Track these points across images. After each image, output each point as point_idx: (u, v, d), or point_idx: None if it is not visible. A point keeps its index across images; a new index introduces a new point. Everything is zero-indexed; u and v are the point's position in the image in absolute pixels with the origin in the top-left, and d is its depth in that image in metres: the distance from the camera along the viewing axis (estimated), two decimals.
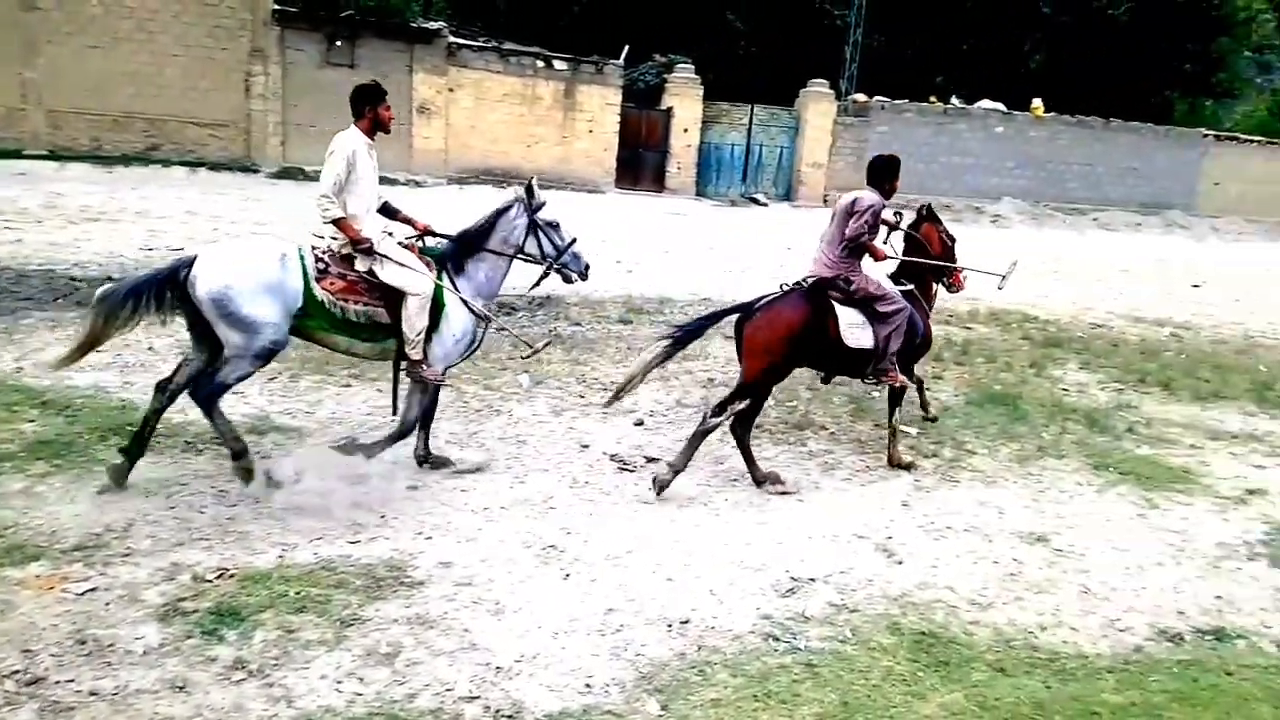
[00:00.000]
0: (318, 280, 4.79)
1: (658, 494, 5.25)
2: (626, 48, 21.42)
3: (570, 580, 4.29)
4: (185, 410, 5.81)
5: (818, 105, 22.63)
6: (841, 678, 3.67)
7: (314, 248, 4.96)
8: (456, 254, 5.26)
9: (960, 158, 23.90)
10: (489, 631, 3.81)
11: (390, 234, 5.11)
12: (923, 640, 4.01)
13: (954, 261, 6.49)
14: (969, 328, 10.37)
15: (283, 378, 6.68)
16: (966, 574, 4.66)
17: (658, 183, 22.13)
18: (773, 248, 15.98)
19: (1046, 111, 24.60)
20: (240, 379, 4.79)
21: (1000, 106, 24.50)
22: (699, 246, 15.46)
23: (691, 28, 23.87)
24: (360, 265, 4.90)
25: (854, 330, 5.55)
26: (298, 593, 3.91)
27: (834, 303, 5.57)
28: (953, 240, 6.60)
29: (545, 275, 5.52)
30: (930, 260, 6.38)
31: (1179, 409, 7.93)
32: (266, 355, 4.74)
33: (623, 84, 21.23)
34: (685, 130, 21.93)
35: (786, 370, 5.66)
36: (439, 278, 5.08)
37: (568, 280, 5.55)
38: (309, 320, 4.80)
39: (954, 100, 24.64)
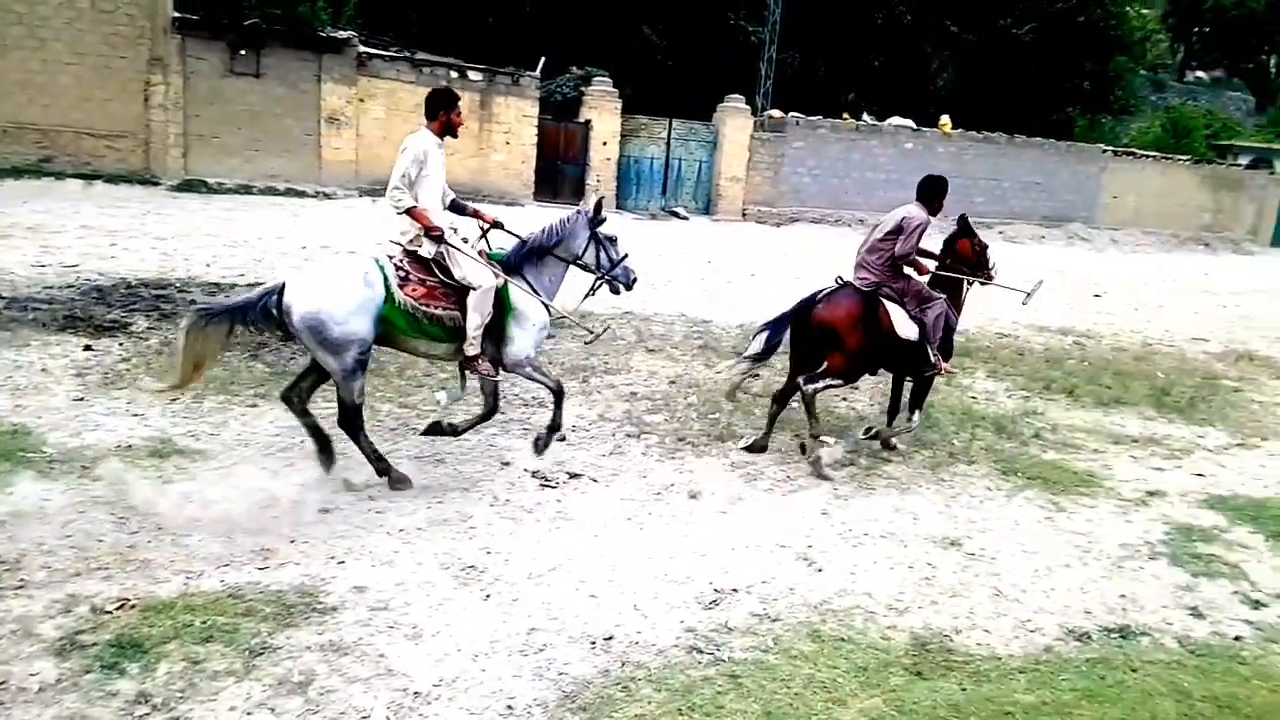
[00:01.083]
0: (400, 288, 5.04)
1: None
2: (543, 59, 21.35)
3: (491, 601, 4.21)
4: (81, 434, 5.57)
5: (735, 120, 22.97)
6: (764, 687, 3.69)
7: (390, 257, 5.17)
8: (523, 257, 5.55)
9: (873, 173, 24.55)
10: (406, 656, 3.70)
11: (455, 229, 5.36)
12: (842, 646, 4.06)
13: (987, 266, 6.94)
14: None
15: (185, 398, 6.40)
16: (884, 579, 4.75)
17: (577, 195, 22.01)
18: (693, 261, 16.10)
19: (954, 128, 25.46)
20: (360, 390, 5.08)
21: (910, 123, 25.27)
22: None
23: (608, 41, 23.93)
24: (427, 251, 5.12)
25: (903, 323, 6.15)
26: (204, 622, 3.75)
27: (883, 299, 6.17)
28: (984, 248, 6.99)
29: (597, 285, 5.82)
30: (964, 271, 6.85)
31: (1082, 415, 8.25)
32: (360, 367, 5.01)
33: (540, 96, 21.13)
34: (604, 143, 21.96)
35: (869, 350, 6.15)
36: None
37: (615, 291, 5.87)
38: (394, 328, 5.08)
39: (866, 117, 25.31)
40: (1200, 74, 51.86)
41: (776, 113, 24.12)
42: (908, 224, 6.13)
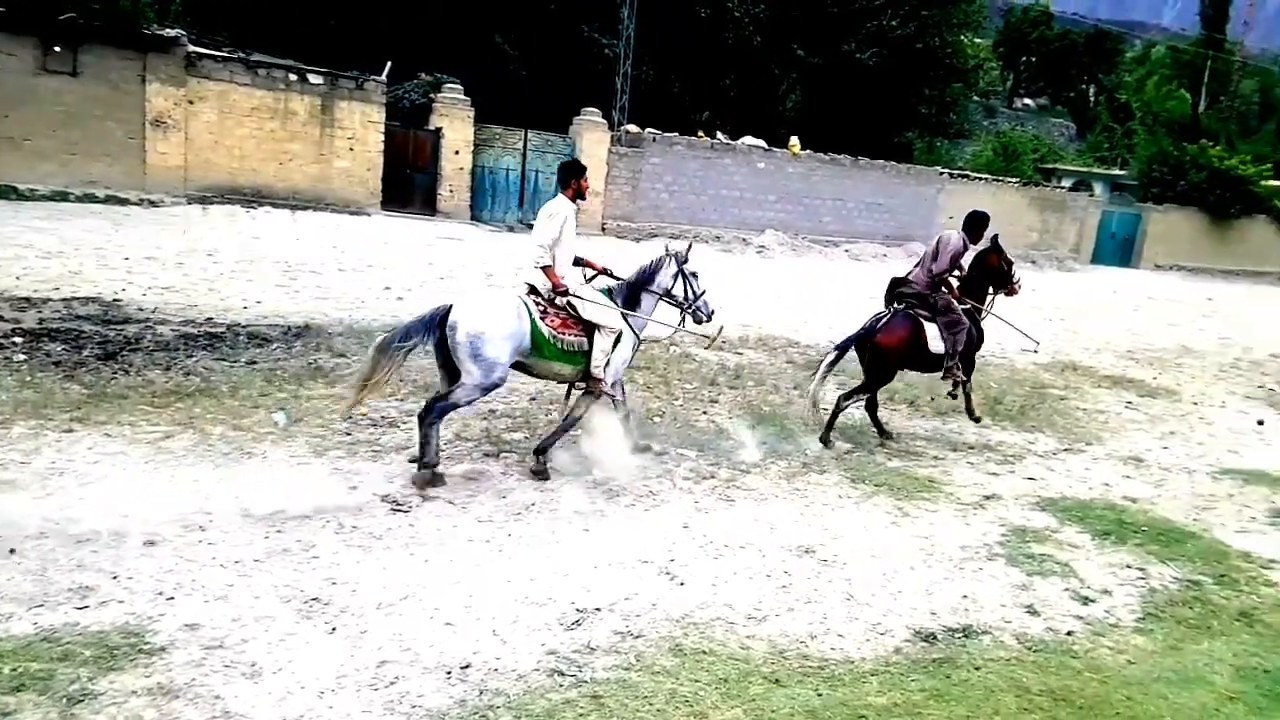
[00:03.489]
0: (541, 319, 5.85)
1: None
2: (389, 64, 20.67)
3: (337, 634, 3.98)
4: None
5: (592, 134, 23.00)
6: (627, 706, 3.64)
7: (530, 292, 5.99)
8: (627, 292, 6.42)
9: (728, 191, 25.17)
10: (245, 696, 3.45)
11: (585, 280, 6.31)
12: (704, 659, 4.07)
13: (1012, 279, 8.07)
14: (740, 353, 10.85)
15: None
16: (743, 590, 4.79)
17: (429, 206, 21.40)
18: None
19: (803, 149, 26.46)
20: (467, 404, 5.82)
21: (761, 143, 26.09)
22: (476, 273, 15.17)
23: (458, 48, 23.46)
24: (560, 301, 5.98)
25: (935, 340, 7.50)
26: (14, 669, 3.41)
27: (924, 321, 7.49)
28: (1010, 264, 8.13)
29: (684, 317, 6.64)
30: (986, 296, 8.13)
31: (923, 423, 8.68)
32: (491, 389, 5.81)
33: (386, 101, 20.38)
34: (456, 152, 21.39)
35: (900, 367, 7.69)
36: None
37: (698, 321, 6.64)
38: (536, 353, 5.85)
39: (720, 135, 25.97)
40: (1028, 101, 56.41)
41: (633, 128, 24.35)
42: (944, 246, 7.61)
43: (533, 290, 6.02)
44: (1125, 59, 53.75)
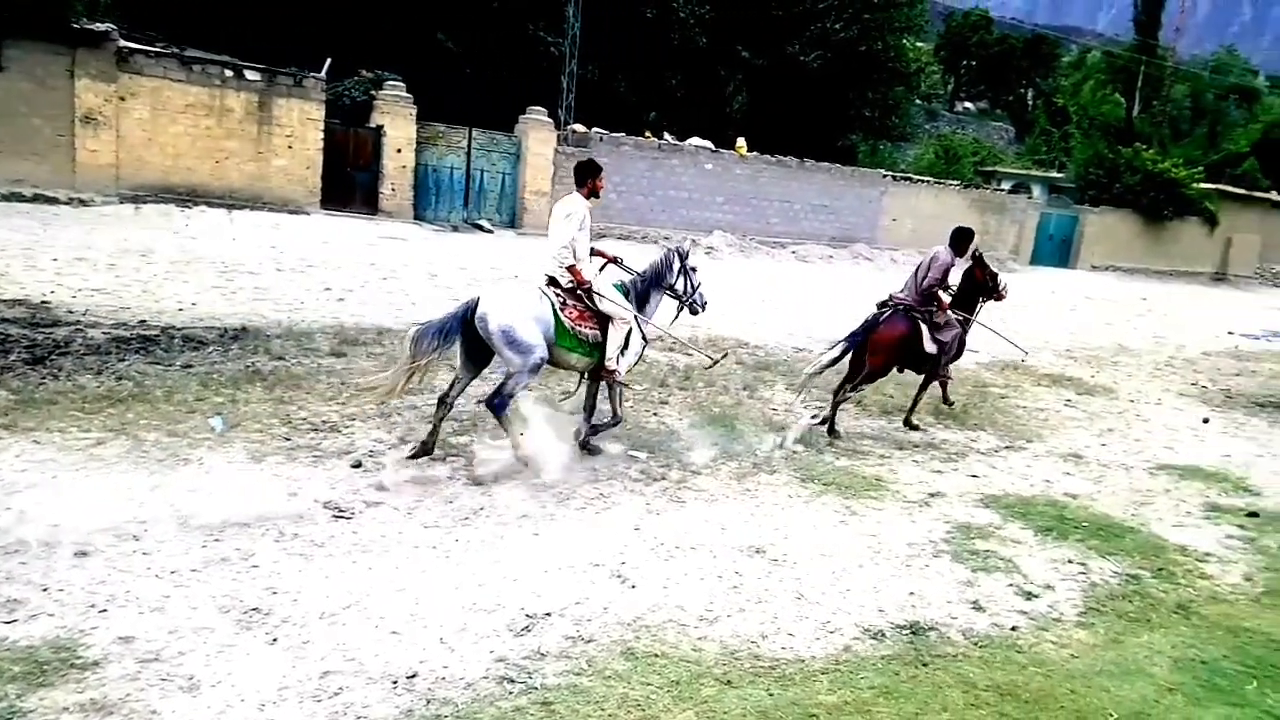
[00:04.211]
0: (561, 310, 6.20)
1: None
2: (329, 60, 20.28)
3: (278, 644, 3.87)
4: None
5: (538, 133, 22.85)
6: (578, 711, 3.60)
7: (549, 285, 6.32)
8: (640, 293, 6.84)
9: (676, 191, 25.23)
10: (182, 711, 3.34)
11: (599, 271, 6.60)
12: (655, 662, 4.05)
13: (998, 288, 8.74)
14: (689, 354, 10.84)
15: None
16: (695, 591, 4.78)
17: (370, 205, 21.01)
18: (501, 275, 15.86)
19: (750, 151, 26.66)
20: (523, 388, 6.19)
21: (709, 144, 26.21)
22: (419, 273, 14.95)
23: (401, 45, 23.09)
24: (578, 293, 6.36)
25: (929, 341, 8.13)
26: None
27: (920, 322, 8.12)
28: (994, 275, 8.82)
29: (683, 308, 7.13)
30: (975, 306, 8.86)
31: (869, 423, 8.78)
32: (537, 369, 6.18)
33: (326, 99, 19.98)
34: (399, 150, 21.06)
35: (895, 362, 8.30)
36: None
37: (695, 312, 7.20)
38: (560, 342, 6.20)
39: (667, 136, 26.00)
40: (968, 105, 57.57)
41: (580, 127, 24.26)
42: (934, 261, 8.19)
43: (551, 282, 6.36)
44: (1062, 63, 55.24)
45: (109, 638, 3.73)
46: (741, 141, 26.61)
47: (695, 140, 26.07)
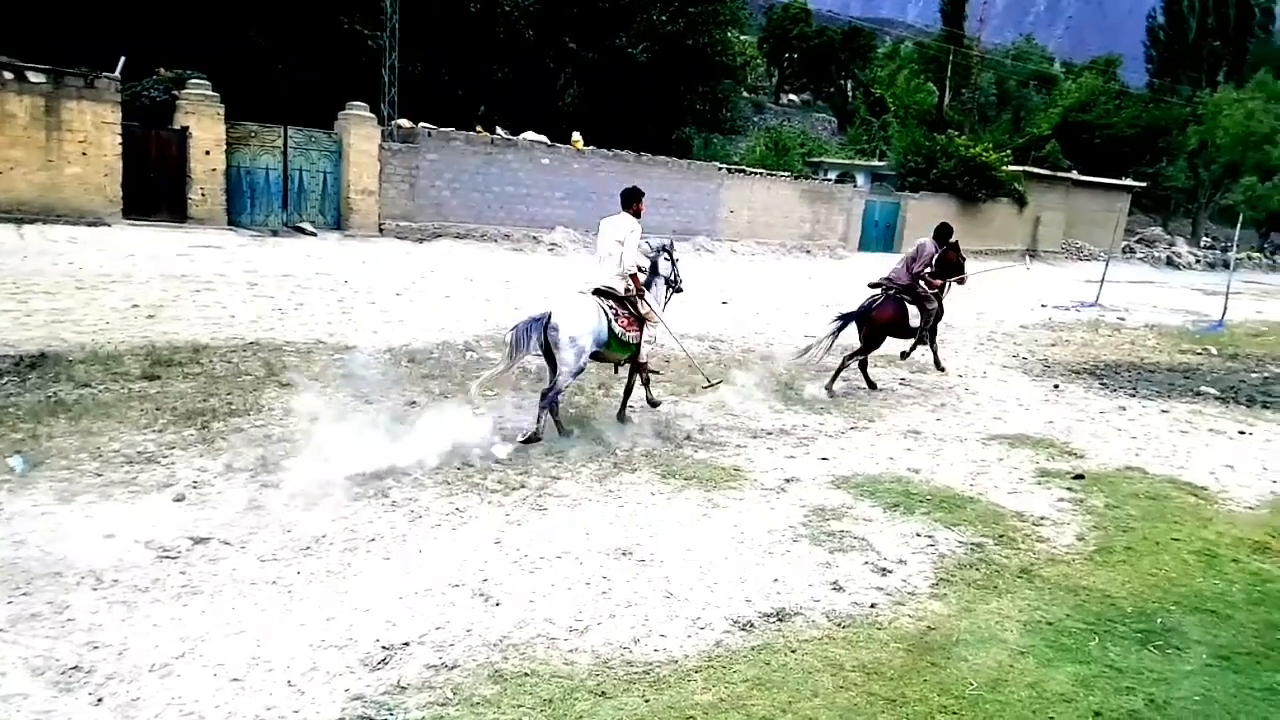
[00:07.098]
0: (614, 320, 7.40)
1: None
2: (123, 59, 18.63)
3: (104, 705, 3.47)
4: None
5: (360, 129, 21.82)
6: None
7: (605, 296, 7.49)
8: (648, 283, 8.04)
9: (513, 188, 24.78)
10: None
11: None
12: (525, 681, 3.88)
13: (963, 271, 10.90)
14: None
15: None
16: (563, 602, 4.64)
17: (178, 212, 19.38)
18: (329, 281, 15.08)
19: (586, 145, 26.58)
20: (567, 386, 7.39)
21: (544, 139, 25.87)
22: (237, 283, 13.97)
23: (204, 42, 21.50)
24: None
25: (914, 318, 10.27)
26: None
27: (907, 302, 10.20)
28: (963, 259, 10.94)
29: (670, 293, 8.45)
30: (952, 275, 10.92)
31: (724, 414, 8.86)
32: (581, 370, 7.45)
33: (122, 100, 18.30)
34: (207, 153, 19.55)
35: (887, 334, 10.34)
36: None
37: (678, 291, 8.58)
38: (609, 346, 7.47)
39: (499, 131, 25.47)
40: (793, 97, 59.61)
41: (405, 122, 23.38)
42: (921, 252, 10.28)
43: (602, 294, 7.45)
44: (878, 55, 57.97)
45: None
46: (577, 136, 26.46)
47: (530, 135, 25.68)
